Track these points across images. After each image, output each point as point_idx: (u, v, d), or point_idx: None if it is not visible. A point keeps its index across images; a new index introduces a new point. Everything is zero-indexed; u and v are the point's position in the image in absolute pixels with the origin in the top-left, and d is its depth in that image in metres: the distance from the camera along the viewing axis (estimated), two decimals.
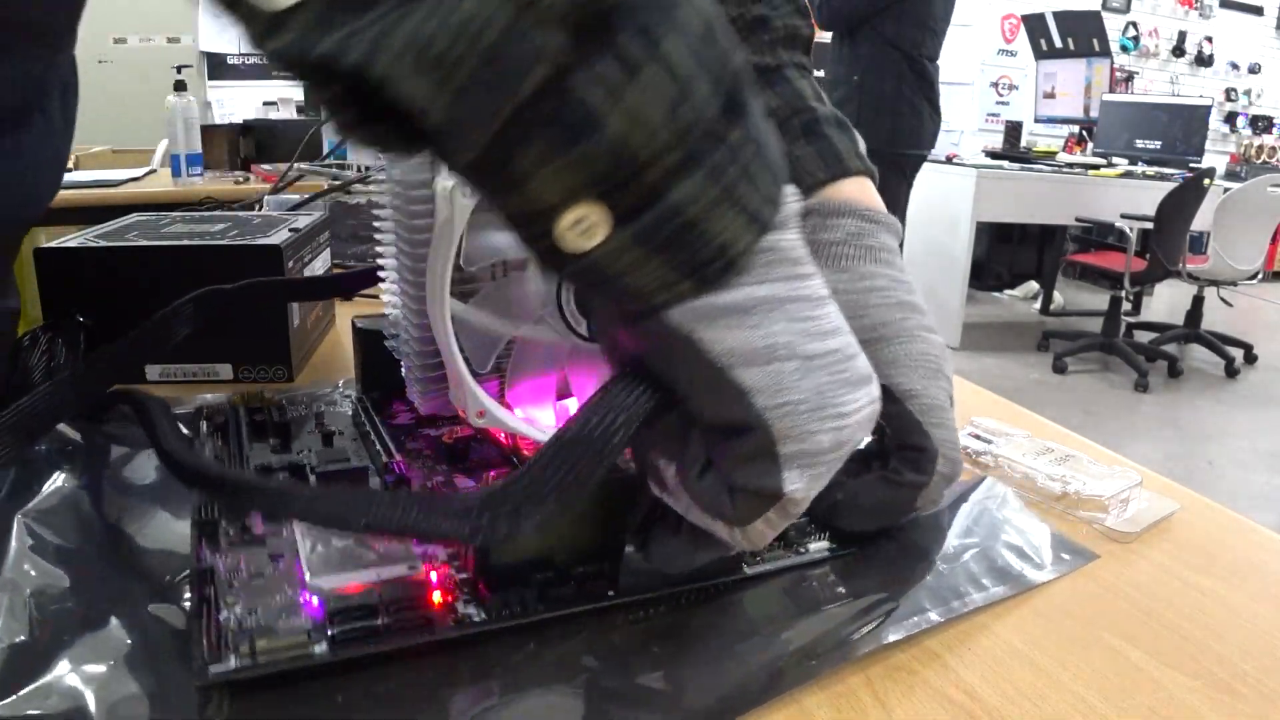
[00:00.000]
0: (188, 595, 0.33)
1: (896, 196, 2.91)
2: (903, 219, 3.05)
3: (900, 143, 2.82)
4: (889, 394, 0.39)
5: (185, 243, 0.57)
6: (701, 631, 0.32)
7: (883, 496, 0.39)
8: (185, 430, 0.46)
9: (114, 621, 0.31)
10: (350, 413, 0.49)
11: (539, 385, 0.39)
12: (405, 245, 0.39)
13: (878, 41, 2.76)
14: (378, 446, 0.43)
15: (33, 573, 0.33)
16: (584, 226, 0.23)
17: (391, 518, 0.27)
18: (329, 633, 0.29)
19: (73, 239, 0.58)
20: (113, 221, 0.65)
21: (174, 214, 0.69)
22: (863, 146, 0.46)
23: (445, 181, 0.34)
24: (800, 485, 0.26)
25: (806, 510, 0.38)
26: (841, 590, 0.35)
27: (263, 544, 0.34)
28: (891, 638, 0.32)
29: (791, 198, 0.26)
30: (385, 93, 0.19)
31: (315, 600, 0.30)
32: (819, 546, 0.38)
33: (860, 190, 0.44)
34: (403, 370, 0.43)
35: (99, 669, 0.28)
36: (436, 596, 0.31)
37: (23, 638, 0.29)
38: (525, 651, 0.31)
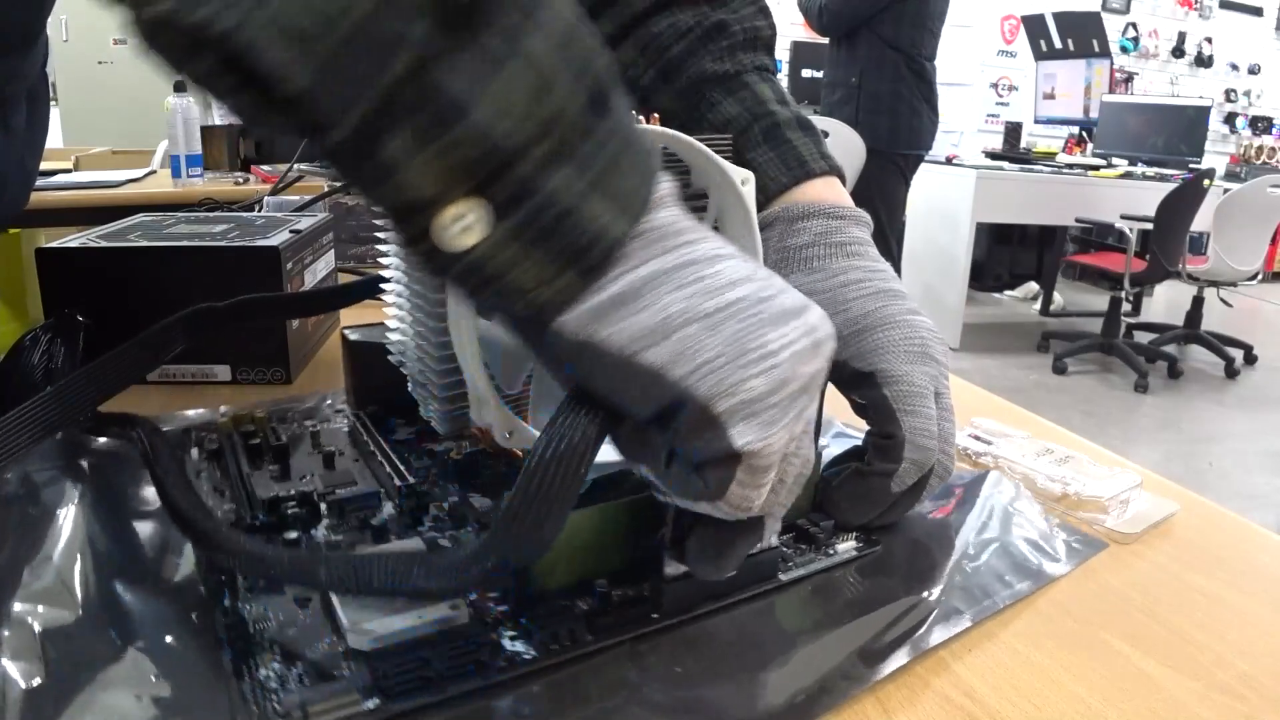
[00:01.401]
0: (200, 611, 0.32)
1: (895, 195, 2.91)
2: (902, 218, 3.05)
3: (899, 143, 2.83)
4: (873, 380, 0.39)
5: (185, 244, 0.57)
6: (745, 645, 0.32)
7: (856, 488, 0.39)
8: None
9: (131, 657, 0.30)
10: (347, 430, 0.48)
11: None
12: None
13: (876, 43, 2.76)
14: (387, 468, 0.42)
15: (42, 609, 0.32)
16: (463, 225, 0.24)
17: (402, 579, 0.27)
18: (380, 685, 0.28)
19: (75, 239, 0.58)
20: (117, 222, 0.65)
21: (178, 215, 0.69)
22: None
23: None
24: (752, 436, 0.26)
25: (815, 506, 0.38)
26: (874, 594, 0.36)
27: (283, 589, 0.33)
28: (934, 642, 0.32)
29: (665, 181, 0.27)
30: (251, 60, 0.20)
31: (359, 649, 0.29)
32: (846, 546, 0.39)
33: (826, 189, 0.44)
34: (410, 388, 0.42)
35: (122, 711, 0.27)
36: (484, 636, 0.31)
37: (39, 680, 0.28)
38: (572, 677, 0.30)
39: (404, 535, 0.37)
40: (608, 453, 0.39)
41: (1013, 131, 4.43)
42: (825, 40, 3.01)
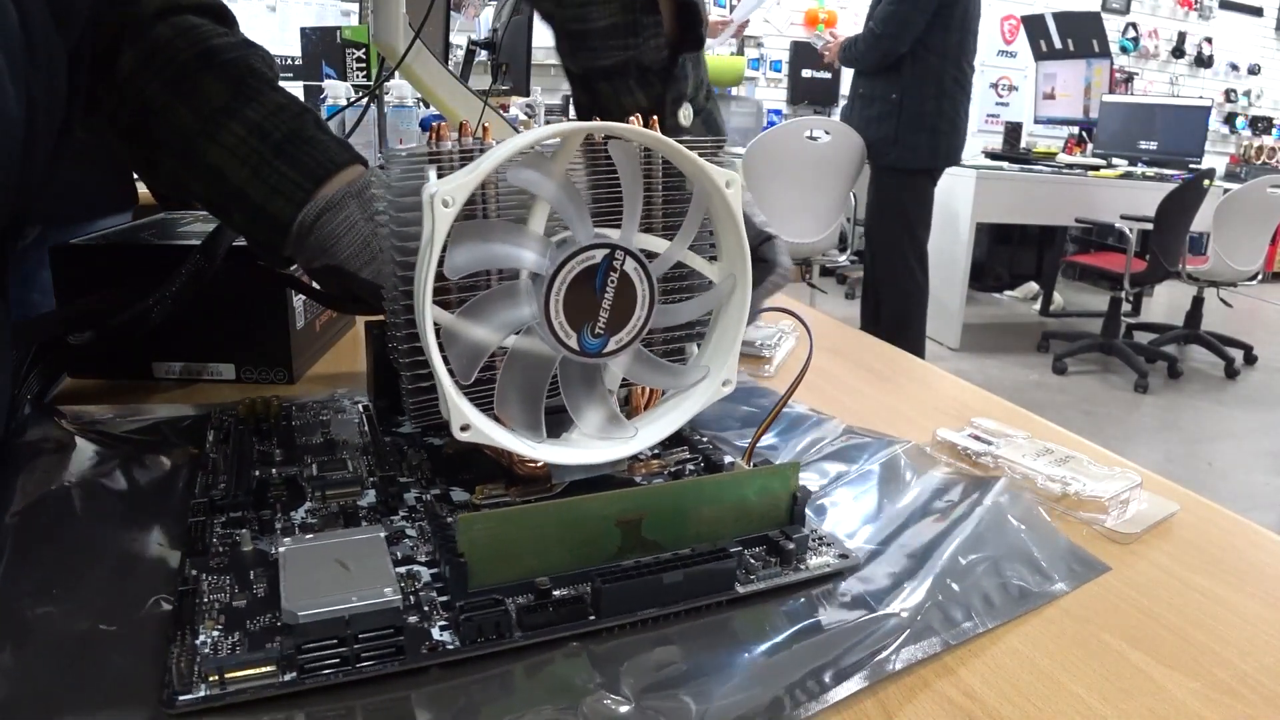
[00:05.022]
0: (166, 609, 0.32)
1: (927, 209, 2.86)
2: (928, 223, 2.97)
3: (939, 159, 2.75)
4: None
5: (194, 242, 0.58)
6: (686, 657, 0.31)
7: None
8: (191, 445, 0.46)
9: (93, 638, 0.30)
10: (357, 421, 0.49)
11: (528, 397, 0.38)
12: (397, 254, 0.39)
13: (921, 54, 2.62)
14: (378, 458, 0.43)
15: (10, 584, 0.32)
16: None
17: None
18: (299, 660, 0.28)
19: (89, 236, 0.59)
20: (135, 221, 0.66)
21: (196, 213, 0.70)
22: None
23: (430, 189, 0.34)
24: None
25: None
26: (842, 612, 0.34)
27: (248, 566, 0.34)
28: (898, 666, 0.31)
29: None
30: None
31: (291, 624, 0.29)
32: (820, 562, 0.37)
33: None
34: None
35: (72, 688, 0.28)
36: (410, 623, 0.31)
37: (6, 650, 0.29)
38: (499, 677, 0.30)
39: (376, 522, 0.38)
40: (592, 456, 0.39)
41: (1012, 131, 4.43)
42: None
